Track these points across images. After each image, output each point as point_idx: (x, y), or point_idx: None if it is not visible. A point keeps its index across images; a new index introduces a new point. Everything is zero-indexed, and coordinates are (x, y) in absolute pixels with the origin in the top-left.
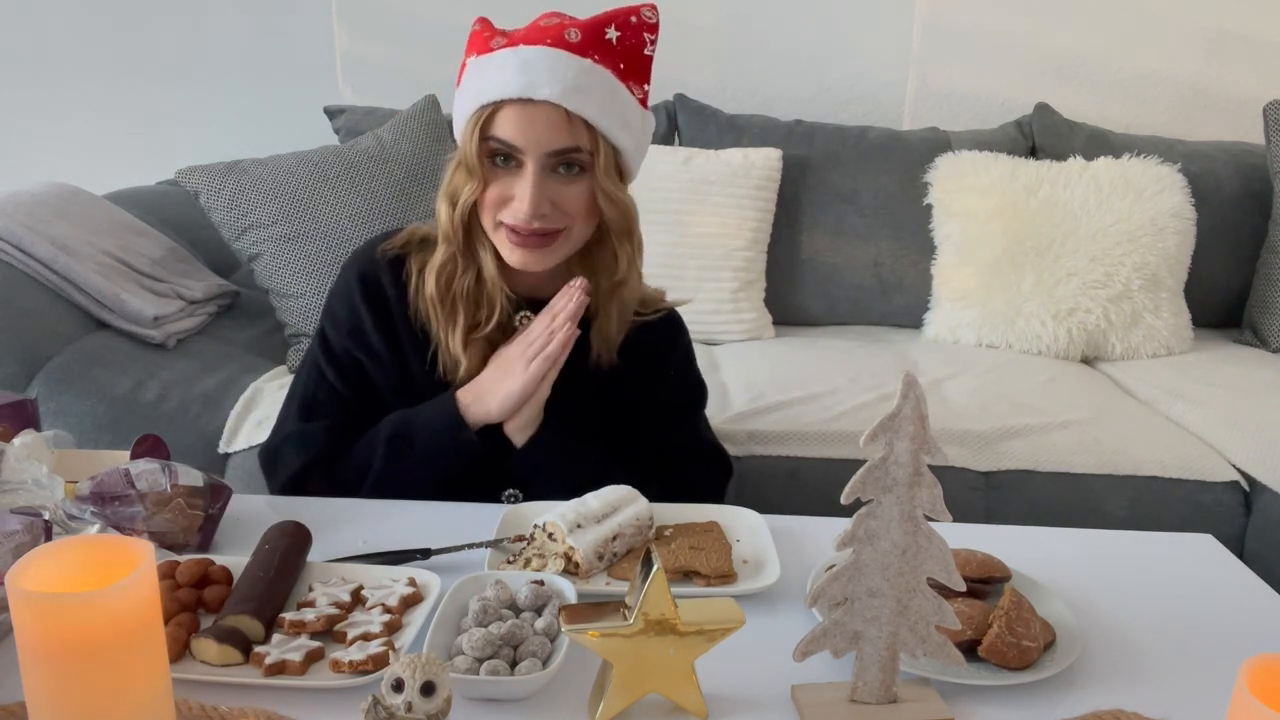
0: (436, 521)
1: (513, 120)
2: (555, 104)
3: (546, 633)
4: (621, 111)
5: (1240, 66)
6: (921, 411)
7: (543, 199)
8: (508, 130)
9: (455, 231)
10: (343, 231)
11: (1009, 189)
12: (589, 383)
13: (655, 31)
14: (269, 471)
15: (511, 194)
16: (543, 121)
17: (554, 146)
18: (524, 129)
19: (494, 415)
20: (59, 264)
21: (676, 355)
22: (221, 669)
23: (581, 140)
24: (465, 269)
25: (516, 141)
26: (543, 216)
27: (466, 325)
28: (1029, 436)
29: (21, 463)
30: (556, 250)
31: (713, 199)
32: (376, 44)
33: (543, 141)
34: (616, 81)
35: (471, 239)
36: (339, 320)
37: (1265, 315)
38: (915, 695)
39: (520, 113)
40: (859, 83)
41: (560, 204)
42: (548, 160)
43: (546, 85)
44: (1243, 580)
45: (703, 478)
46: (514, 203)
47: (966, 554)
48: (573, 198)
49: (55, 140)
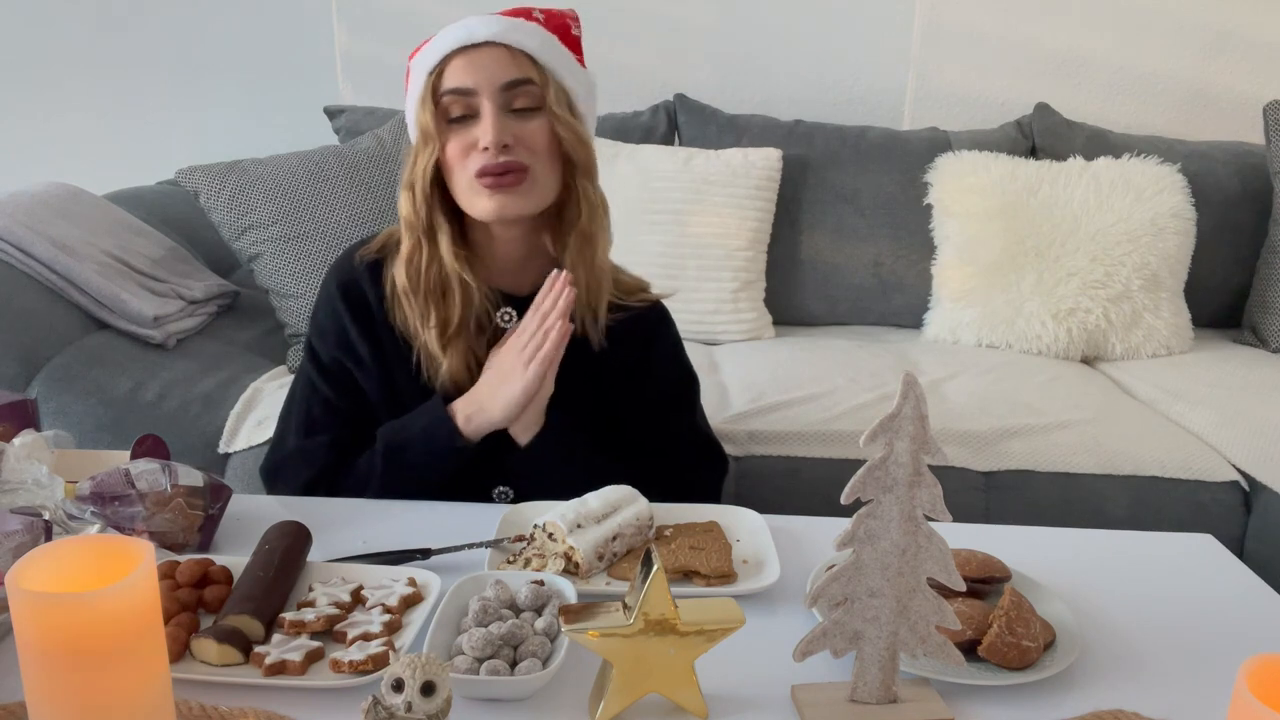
0: (436, 521)
1: (460, 67)
2: (497, 42)
3: (546, 633)
4: (561, 56)
5: (1240, 66)
6: (921, 411)
7: (505, 129)
8: (457, 77)
9: (417, 215)
10: (343, 231)
11: (1009, 189)
12: (578, 366)
13: (578, 23)
14: (271, 488)
15: (474, 138)
16: (489, 59)
17: (504, 78)
18: (473, 70)
19: (499, 422)
20: (59, 264)
21: (665, 345)
22: (221, 669)
23: (529, 72)
24: (431, 258)
25: (467, 83)
26: (506, 148)
27: (439, 321)
28: (1029, 436)
29: (21, 463)
30: (527, 192)
31: (713, 199)
32: (376, 44)
33: (493, 77)
34: (550, 34)
35: (432, 225)
36: (325, 332)
37: (1265, 315)
38: (915, 695)
39: (465, 59)
40: (859, 83)
41: (522, 139)
42: (501, 96)
43: (485, 30)
44: (1243, 580)
45: (698, 474)
46: (478, 144)
47: (966, 554)
48: (532, 131)
49: (55, 140)
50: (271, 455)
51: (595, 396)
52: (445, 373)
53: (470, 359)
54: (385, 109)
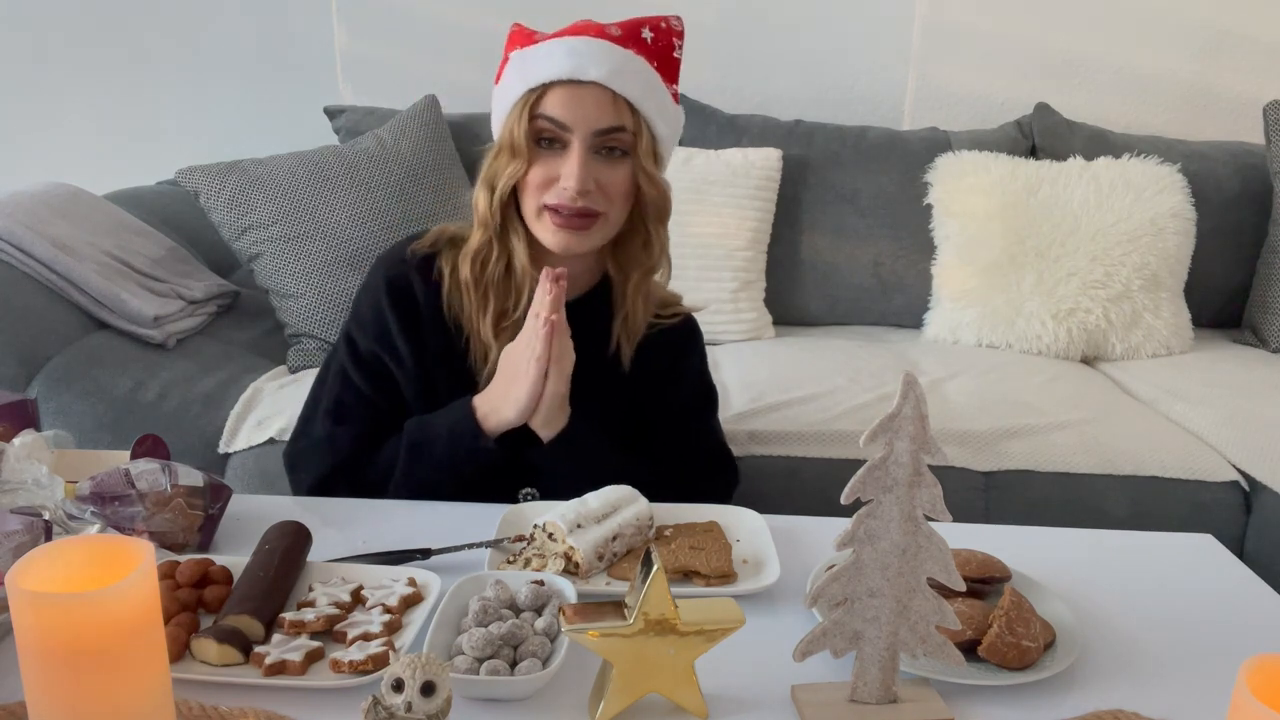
0: (436, 521)
1: (561, 99)
2: (602, 85)
3: (546, 633)
4: (659, 100)
5: (1240, 66)
6: (921, 411)
7: (589, 176)
8: (556, 109)
9: (493, 216)
10: (343, 231)
11: (1009, 189)
12: (608, 377)
13: (682, 38)
14: (291, 473)
15: (557, 174)
16: (590, 101)
17: (601, 125)
18: (572, 107)
19: (513, 421)
20: (59, 264)
21: (693, 359)
22: (221, 669)
23: (625, 120)
24: (499, 256)
25: (565, 119)
26: (587, 194)
27: (496, 312)
28: (1029, 436)
29: (21, 463)
30: (594, 234)
31: (713, 199)
32: (376, 44)
33: (590, 119)
34: (654, 72)
35: (506, 226)
36: (365, 324)
37: (1265, 315)
38: (915, 695)
39: (569, 92)
40: (859, 83)
41: (603, 185)
42: (594, 139)
43: (594, 68)
44: (1243, 580)
45: (712, 483)
46: (560, 182)
47: (966, 554)
48: (615, 180)
49: (55, 140)
50: (295, 442)
51: (623, 404)
52: (494, 359)
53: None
54: (385, 109)
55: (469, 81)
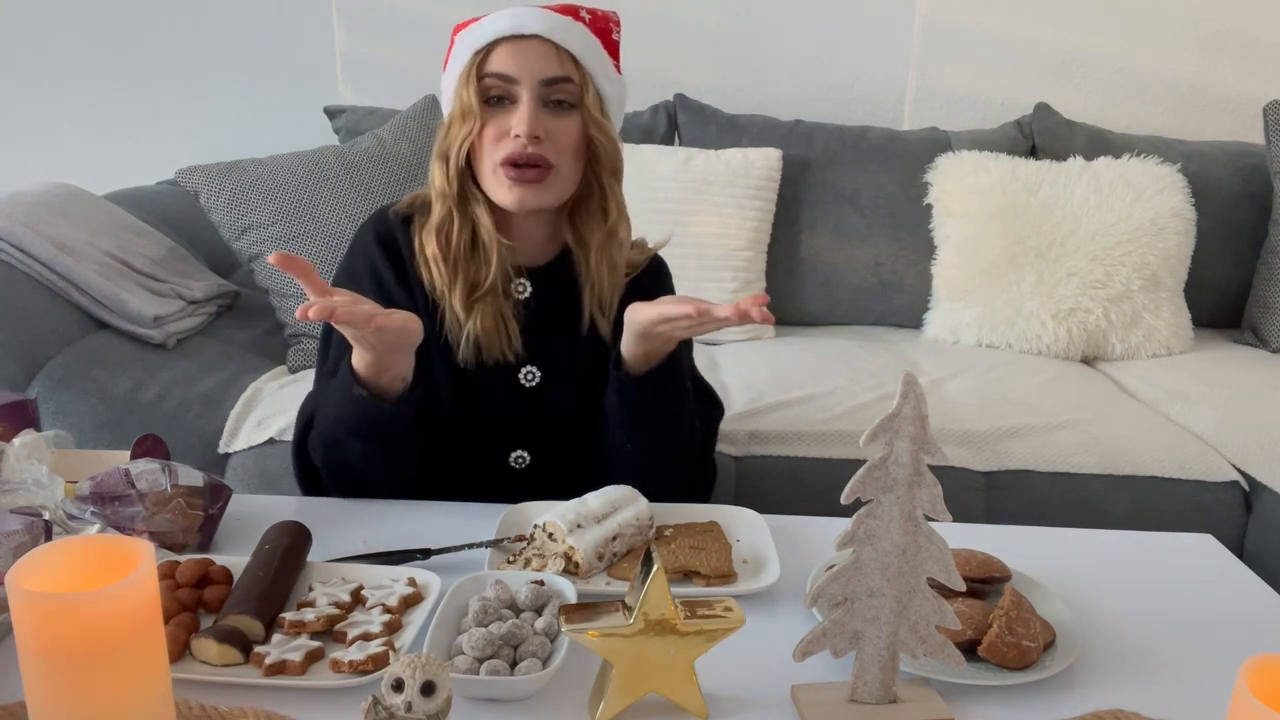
0: (436, 521)
1: (506, 53)
2: (544, 37)
3: (546, 633)
4: (600, 59)
5: (1240, 66)
6: (921, 411)
7: (539, 123)
8: (502, 64)
9: (450, 185)
10: (343, 231)
11: (1009, 189)
12: (587, 349)
13: (619, 28)
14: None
15: (508, 127)
16: (534, 53)
17: (546, 74)
18: (517, 60)
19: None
20: (59, 264)
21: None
22: (221, 669)
23: (570, 71)
24: (461, 226)
25: (511, 71)
26: (537, 140)
27: (467, 285)
28: (1029, 436)
29: (21, 463)
30: (548, 187)
31: (713, 199)
32: (376, 44)
33: (535, 69)
34: (594, 37)
35: (465, 195)
36: (358, 275)
37: (1265, 315)
38: (915, 695)
39: (512, 46)
40: (859, 83)
41: (553, 135)
42: (541, 90)
43: (535, 23)
44: (1243, 580)
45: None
46: (510, 132)
47: (966, 554)
48: (565, 130)
49: (55, 140)
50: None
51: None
52: (472, 330)
53: (499, 317)
54: (385, 109)
55: None
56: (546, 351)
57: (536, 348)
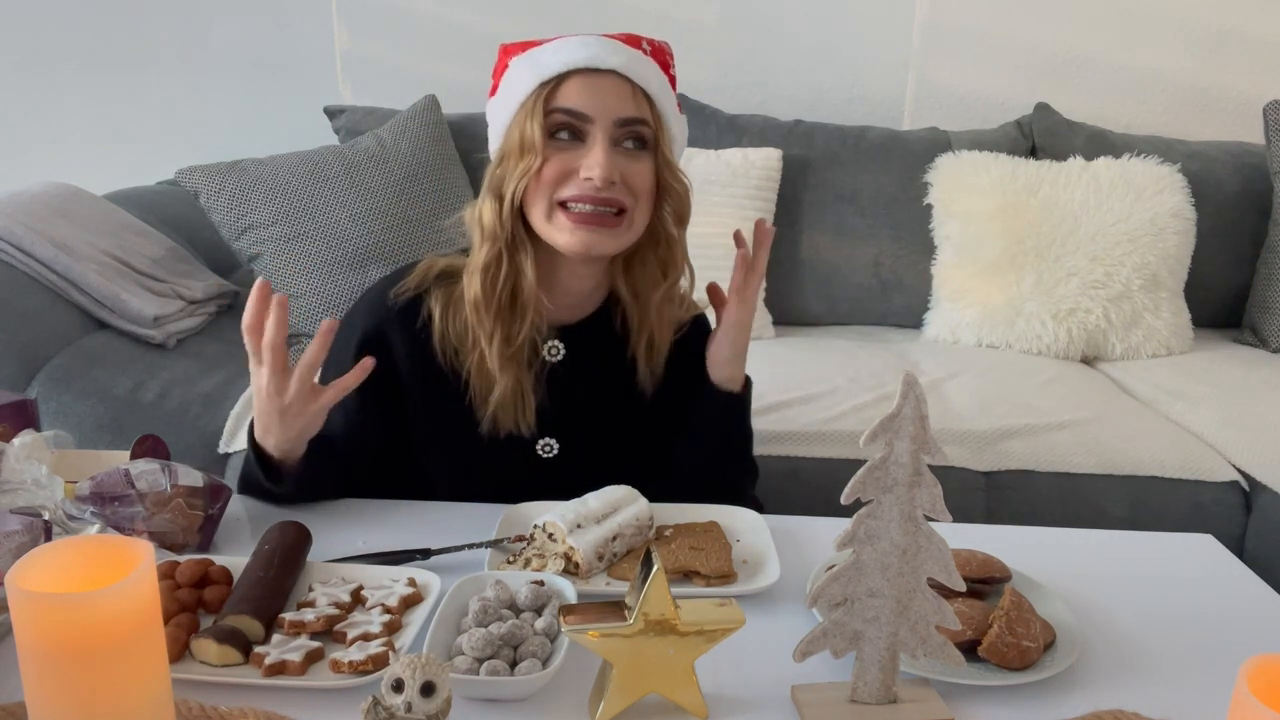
0: (436, 521)
1: (580, 89)
2: (621, 73)
3: (546, 633)
4: (671, 102)
5: (1240, 66)
6: (921, 411)
7: (614, 166)
8: (575, 98)
9: (503, 226)
10: (343, 231)
11: (1009, 189)
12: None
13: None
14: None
15: (574, 166)
16: (610, 89)
17: (622, 115)
18: (592, 96)
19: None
20: (59, 264)
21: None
22: (221, 669)
23: (645, 113)
24: (508, 275)
25: (585, 109)
26: (612, 185)
27: (504, 337)
28: (1029, 436)
29: (21, 463)
30: (620, 234)
31: (713, 199)
32: (376, 44)
33: (610, 109)
34: (663, 74)
35: (515, 240)
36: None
37: (1265, 315)
38: (915, 695)
39: (587, 81)
40: (859, 83)
41: (627, 179)
42: (615, 130)
43: (613, 57)
44: (1243, 580)
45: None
46: (580, 174)
47: (966, 554)
48: (639, 174)
49: (55, 140)
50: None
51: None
52: (498, 393)
53: (519, 386)
54: (385, 109)
55: (469, 81)
56: (569, 419)
57: (558, 415)
